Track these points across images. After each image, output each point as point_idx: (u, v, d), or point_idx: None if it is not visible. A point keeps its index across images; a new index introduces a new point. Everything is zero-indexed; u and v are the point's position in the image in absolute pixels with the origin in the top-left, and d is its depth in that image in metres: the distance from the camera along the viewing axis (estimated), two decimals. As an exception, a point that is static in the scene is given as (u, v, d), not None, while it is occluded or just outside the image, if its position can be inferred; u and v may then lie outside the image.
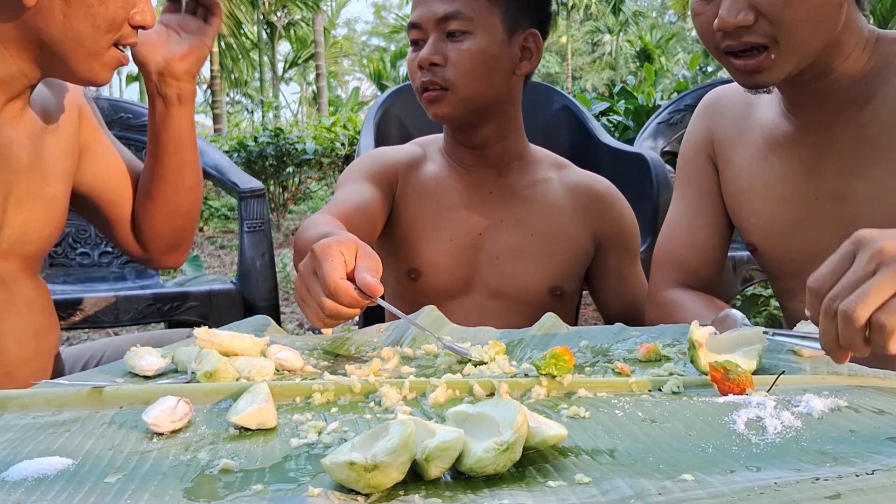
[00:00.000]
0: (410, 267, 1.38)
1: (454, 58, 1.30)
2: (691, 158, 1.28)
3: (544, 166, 1.44)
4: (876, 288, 0.67)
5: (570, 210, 1.40)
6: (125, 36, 1.06)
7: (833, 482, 0.52)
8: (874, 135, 1.06)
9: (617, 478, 0.55)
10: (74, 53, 1.03)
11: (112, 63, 1.06)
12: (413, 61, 1.34)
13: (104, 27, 1.02)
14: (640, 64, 28.15)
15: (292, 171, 7.87)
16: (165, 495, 0.55)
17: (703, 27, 1.05)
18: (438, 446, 0.55)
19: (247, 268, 1.89)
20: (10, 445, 0.66)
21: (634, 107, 4.43)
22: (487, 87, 1.33)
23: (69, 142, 1.19)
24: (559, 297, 1.37)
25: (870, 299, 0.67)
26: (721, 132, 1.24)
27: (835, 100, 1.08)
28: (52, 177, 1.15)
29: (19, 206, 1.09)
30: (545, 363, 0.78)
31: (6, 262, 1.10)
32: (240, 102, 28.87)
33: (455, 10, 1.30)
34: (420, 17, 1.32)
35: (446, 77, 1.30)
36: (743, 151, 1.20)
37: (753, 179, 1.18)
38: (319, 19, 20.13)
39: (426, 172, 1.43)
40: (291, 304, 4.91)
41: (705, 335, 0.82)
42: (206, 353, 0.83)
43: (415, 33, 1.34)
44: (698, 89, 2.43)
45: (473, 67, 1.31)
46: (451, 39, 1.31)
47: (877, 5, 12.53)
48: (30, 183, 1.10)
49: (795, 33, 0.99)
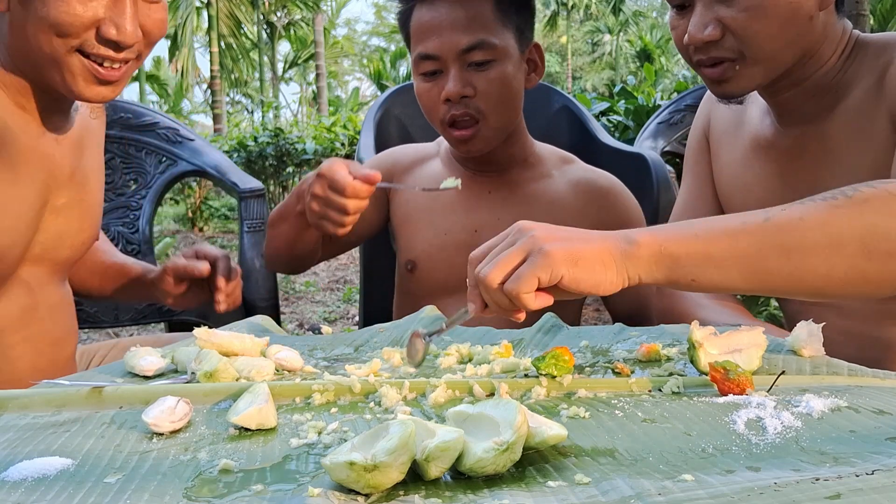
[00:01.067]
0: (408, 258, 1.41)
1: (483, 88, 1.27)
2: (694, 146, 1.29)
3: (549, 164, 1.44)
4: (506, 257, 0.79)
5: (571, 207, 1.40)
6: (89, 45, 1.00)
7: (833, 482, 0.52)
8: (834, 143, 1.06)
9: (617, 478, 0.55)
10: (41, 61, 1.01)
11: (84, 75, 1.01)
12: (431, 93, 1.30)
13: (50, 31, 0.98)
14: (640, 64, 28.15)
15: (292, 171, 7.87)
16: (165, 495, 0.55)
17: (677, 40, 1.08)
18: (438, 446, 0.55)
19: (247, 268, 1.88)
20: (11, 445, 0.66)
21: (634, 107, 4.43)
22: (515, 111, 1.34)
23: (100, 142, 1.24)
24: None
25: (499, 265, 0.79)
26: (716, 123, 1.25)
27: (808, 107, 1.08)
28: (90, 187, 1.18)
29: (56, 213, 1.11)
30: (545, 363, 0.78)
31: (36, 267, 1.11)
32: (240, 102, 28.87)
33: (479, 41, 1.26)
34: (439, 48, 1.27)
35: (479, 108, 1.28)
36: (731, 148, 1.21)
37: (736, 177, 1.19)
38: (319, 19, 20.13)
39: (427, 169, 1.44)
40: (291, 304, 4.91)
41: (705, 335, 0.82)
42: (206, 353, 0.83)
43: (430, 64, 1.29)
44: (698, 89, 2.43)
45: (503, 95, 1.29)
46: (476, 69, 1.27)
47: (877, 5, 12.51)
48: (69, 191, 1.12)
49: (762, 47, 1.01)
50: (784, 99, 1.09)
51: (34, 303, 1.12)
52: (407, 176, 1.45)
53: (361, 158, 1.92)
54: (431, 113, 1.33)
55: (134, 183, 2.02)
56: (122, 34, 1.00)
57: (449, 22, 1.27)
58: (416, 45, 1.31)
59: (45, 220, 1.10)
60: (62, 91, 1.03)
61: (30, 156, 1.05)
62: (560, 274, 0.77)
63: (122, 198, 2.01)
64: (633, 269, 0.79)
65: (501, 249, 0.81)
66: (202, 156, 2.02)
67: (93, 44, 1.00)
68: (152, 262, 2.00)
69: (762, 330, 0.84)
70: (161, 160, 2.01)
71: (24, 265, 1.10)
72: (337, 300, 5.05)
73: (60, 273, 1.17)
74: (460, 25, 1.26)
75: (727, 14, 1.00)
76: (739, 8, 0.99)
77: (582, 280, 0.77)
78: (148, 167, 2.01)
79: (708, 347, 0.81)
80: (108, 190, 2.02)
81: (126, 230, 1.99)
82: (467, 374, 0.83)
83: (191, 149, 2.02)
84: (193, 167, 2.01)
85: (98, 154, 1.22)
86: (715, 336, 0.82)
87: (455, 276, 1.38)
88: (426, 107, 1.33)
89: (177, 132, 2.03)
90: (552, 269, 0.76)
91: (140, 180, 2.02)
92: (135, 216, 2.01)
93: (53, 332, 1.15)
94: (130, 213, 2.01)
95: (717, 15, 1.00)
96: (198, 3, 18.51)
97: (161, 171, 2.01)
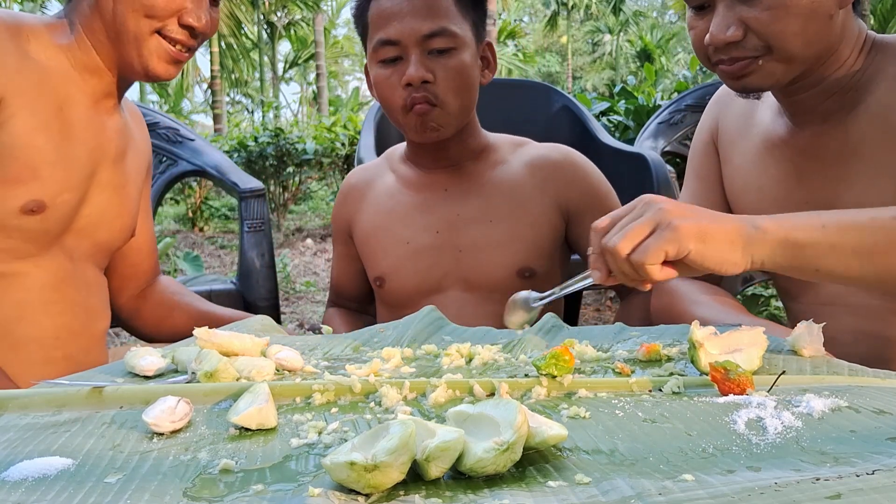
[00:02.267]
0: (375, 275, 1.43)
1: (443, 75, 1.29)
2: (700, 149, 1.29)
3: (503, 150, 1.44)
4: (635, 228, 0.82)
5: (529, 187, 1.39)
6: (170, 29, 1.15)
7: (833, 482, 0.52)
8: (857, 142, 1.06)
9: (617, 478, 0.55)
10: (122, 38, 1.15)
11: (159, 53, 1.16)
12: (391, 79, 1.31)
13: (141, 11, 1.13)
14: (640, 64, 28.14)
15: (292, 170, 7.87)
16: (166, 495, 0.55)
17: (695, 40, 1.07)
18: (439, 446, 0.55)
19: (247, 268, 1.89)
20: (11, 445, 0.66)
21: (635, 107, 4.43)
22: (471, 101, 1.35)
23: (143, 165, 1.35)
24: (529, 278, 1.37)
25: (628, 236, 0.82)
26: (726, 126, 1.24)
27: (825, 106, 1.08)
28: (131, 179, 1.29)
29: (101, 188, 1.22)
30: (545, 363, 0.78)
31: (79, 239, 1.22)
32: (240, 102, 28.86)
33: (441, 28, 1.28)
34: (400, 33, 1.28)
35: (437, 94, 1.29)
36: (742, 149, 1.20)
37: (748, 179, 1.19)
38: (320, 19, 20.12)
39: (380, 186, 1.47)
40: (291, 304, 4.91)
41: (706, 335, 0.82)
42: (207, 353, 0.83)
43: (391, 50, 1.30)
44: (698, 89, 2.43)
45: (461, 83, 1.31)
46: (436, 56, 1.29)
47: (877, 5, 12.51)
48: (113, 173, 1.24)
49: (784, 46, 1.00)
50: (801, 98, 1.09)
51: (73, 271, 1.22)
52: (365, 197, 1.47)
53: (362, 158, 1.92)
54: (389, 100, 1.33)
55: (134, 183, 2.02)
56: (200, 23, 1.16)
57: (410, 8, 1.29)
58: (376, 32, 1.31)
59: (91, 193, 1.21)
60: (134, 66, 1.16)
61: (87, 124, 1.19)
62: (688, 249, 0.80)
63: (123, 198, 2.01)
64: (758, 252, 0.83)
65: (629, 221, 0.84)
66: (202, 156, 2.02)
67: (174, 28, 1.15)
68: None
69: (763, 330, 0.84)
70: (161, 160, 2.01)
71: (69, 235, 1.20)
72: (337, 300, 5.03)
73: (97, 257, 1.27)
74: (422, 12, 1.28)
75: (750, 14, 0.99)
76: (762, 7, 0.98)
77: (708, 257, 0.81)
78: (148, 167, 2.01)
79: (708, 347, 0.81)
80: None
81: (126, 230, 1.99)
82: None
83: (191, 149, 2.03)
84: (194, 167, 2.01)
85: (138, 159, 1.32)
86: (715, 336, 0.82)
87: (427, 281, 1.39)
88: (384, 94, 1.33)
89: (177, 132, 2.03)
90: (680, 243, 0.80)
91: (140, 180, 2.01)
92: (135, 216, 2.00)
93: (89, 301, 1.26)
94: (131, 213, 2.01)
95: (740, 15, 1.00)
96: (198, 3, 18.45)
97: (161, 170, 2.01)
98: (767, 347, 0.83)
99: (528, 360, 0.87)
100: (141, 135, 1.35)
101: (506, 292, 1.19)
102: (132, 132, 1.31)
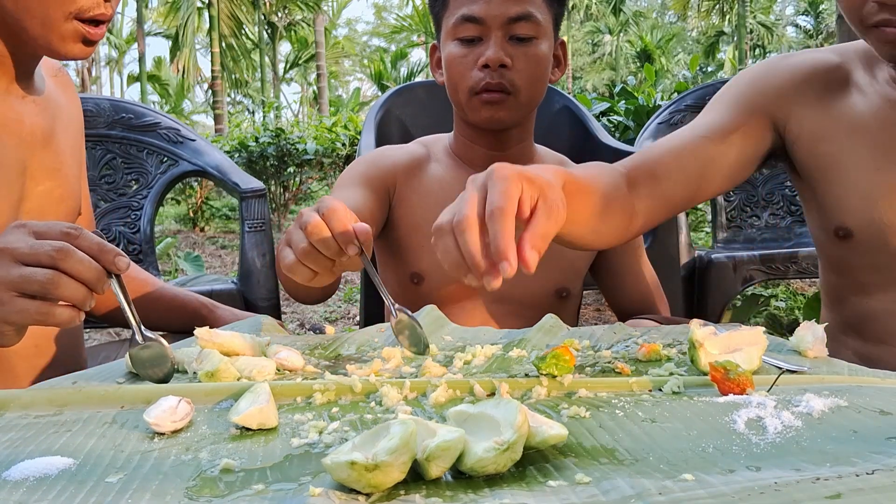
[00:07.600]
0: (412, 271, 1.35)
1: (521, 62, 1.26)
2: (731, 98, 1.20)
3: (548, 163, 1.43)
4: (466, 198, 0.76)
5: None
6: (84, 9, 1.02)
7: (833, 482, 0.52)
8: None
9: (617, 477, 0.55)
10: (29, 24, 1.03)
11: (72, 35, 1.04)
12: (466, 59, 1.27)
13: None
14: (640, 64, 28.14)
15: (293, 171, 7.87)
16: (167, 495, 0.55)
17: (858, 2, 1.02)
18: (439, 446, 0.55)
19: (248, 268, 1.89)
20: (12, 445, 0.66)
21: (635, 107, 4.43)
22: (540, 94, 1.33)
23: (77, 136, 1.23)
24: (564, 298, 1.36)
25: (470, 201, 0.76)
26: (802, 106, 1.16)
27: None
28: (66, 157, 1.18)
29: (35, 180, 1.13)
30: (545, 363, 0.78)
31: None
32: (241, 103, 28.88)
33: (527, 12, 1.26)
34: (486, 12, 1.25)
35: (513, 81, 1.26)
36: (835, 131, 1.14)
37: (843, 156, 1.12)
38: (320, 20, 20.13)
39: (429, 174, 1.39)
40: (292, 304, 4.91)
41: (706, 335, 0.82)
42: (207, 352, 0.83)
43: (472, 28, 1.27)
44: (698, 89, 2.43)
45: (537, 73, 1.28)
46: (517, 43, 1.27)
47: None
48: (44, 159, 1.14)
49: None
50: None
51: None
52: (410, 180, 1.38)
53: (362, 158, 1.92)
54: (461, 80, 1.29)
55: (135, 183, 2.02)
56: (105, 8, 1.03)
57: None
58: (459, 7, 1.29)
59: (27, 188, 1.12)
60: (42, 52, 1.05)
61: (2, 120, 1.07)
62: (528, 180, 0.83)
63: (124, 198, 2.02)
64: None
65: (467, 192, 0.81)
66: (203, 156, 2.02)
67: (89, 6, 1.02)
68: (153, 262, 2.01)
69: (762, 330, 0.84)
70: (162, 160, 2.01)
71: None
72: (338, 300, 5.05)
73: None
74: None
75: None
76: None
77: None
78: (149, 167, 2.02)
79: (708, 347, 0.81)
80: (110, 190, 2.02)
81: (127, 230, 2.00)
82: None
83: (192, 149, 2.03)
84: (195, 167, 2.02)
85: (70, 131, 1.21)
86: (715, 336, 0.82)
87: (461, 287, 1.33)
88: (456, 73, 1.30)
89: (178, 132, 2.03)
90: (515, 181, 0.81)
91: (141, 180, 2.02)
92: (136, 216, 2.01)
93: None
94: (132, 213, 2.01)
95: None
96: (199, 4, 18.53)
97: (162, 171, 2.02)
98: (767, 347, 0.83)
99: (528, 360, 0.87)
100: (66, 96, 1.23)
101: (539, 310, 1.18)
102: (56, 101, 1.19)
